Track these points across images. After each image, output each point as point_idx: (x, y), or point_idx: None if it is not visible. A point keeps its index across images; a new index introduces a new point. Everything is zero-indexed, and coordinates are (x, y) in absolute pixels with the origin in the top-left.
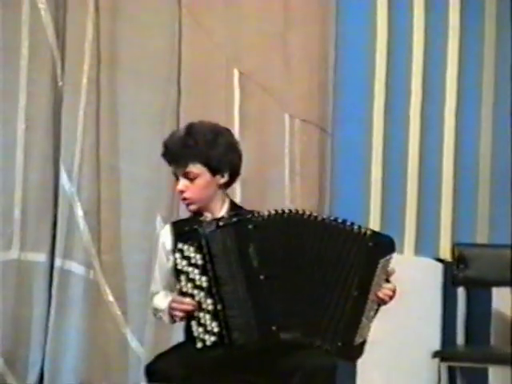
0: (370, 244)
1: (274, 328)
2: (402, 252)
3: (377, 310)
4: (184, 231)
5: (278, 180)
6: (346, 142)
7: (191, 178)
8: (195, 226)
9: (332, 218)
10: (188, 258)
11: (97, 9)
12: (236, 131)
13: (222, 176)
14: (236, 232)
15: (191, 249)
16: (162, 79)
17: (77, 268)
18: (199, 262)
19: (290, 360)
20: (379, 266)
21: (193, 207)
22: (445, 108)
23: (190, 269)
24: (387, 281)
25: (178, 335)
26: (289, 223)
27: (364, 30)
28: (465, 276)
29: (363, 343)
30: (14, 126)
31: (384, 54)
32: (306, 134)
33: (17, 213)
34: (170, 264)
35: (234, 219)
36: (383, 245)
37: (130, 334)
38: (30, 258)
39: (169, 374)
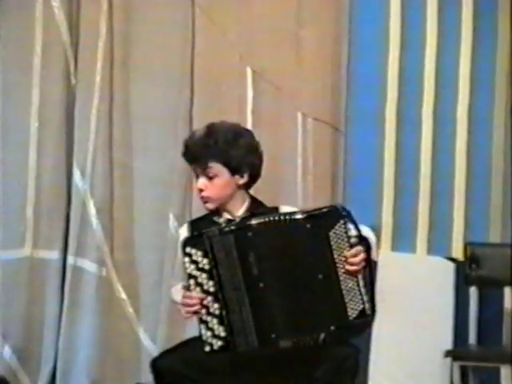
0: (308, 226)
1: (273, 336)
2: (414, 251)
3: (369, 273)
4: (193, 235)
5: (290, 179)
6: (358, 141)
7: (210, 177)
8: (203, 231)
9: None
10: (196, 263)
11: (110, 7)
12: None
13: (242, 176)
14: (236, 240)
15: (199, 253)
16: (175, 77)
17: (89, 266)
18: (206, 267)
19: (313, 350)
20: (331, 238)
21: (210, 205)
22: (457, 107)
23: (198, 273)
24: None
25: (191, 333)
26: (275, 229)
27: (377, 29)
28: (477, 275)
29: (362, 313)
30: (27, 124)
31: (397, 53)
32: (318, 133)
33: (29, 210)
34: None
35: (236, 226)
36: (322, 220)
37: (143, 332)
38: (43, 255)
39: (172, 371)
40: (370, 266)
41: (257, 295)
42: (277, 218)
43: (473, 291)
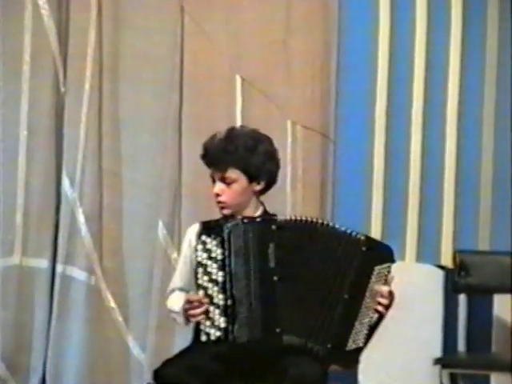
0: (363, 249)
1: (278, 330)
2: (403, 258)
3: (378, 320)
4: (209, 225)
5: (279, 186)
6: (348, 149)
7: (228, 183)
8: (221, 221)
9: (337, 226)
10: (209, 251)
11: (99, 15)
12: None
13: (259, 183)
14: (259, 230)
15: (214, 242)
16: (164, 85)
17: (78, 274)
18: (219, 257)
19: (280, 366)
20: (374, 272)
21: (227, 211)
22: (447, 115)
23: (209, 262)
24: None
25: (179, 341)
26: (305, 229)
27: (366, 36)
28: (466, 283)
29: (358, 350)
30: (16, 132)
31: (386, 61)
32: (308, 141)
33: (19, 218)
34: (194, 255)
35: (260, 219)
36: (378, 251)
37: (132, 340)
38: (32, 263)
39: (177, 380)
40: (380, 320)
41: (269, 287)
42: (311, 220)
43: (462, 299)
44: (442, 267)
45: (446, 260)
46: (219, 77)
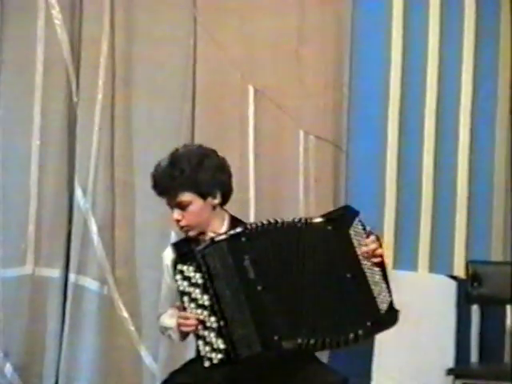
0: (329, 228)
1: (275, 338)
2: (416, 269)
3: (383, 271)
4: (182, 252)
5: (292, 197)
6: (360, 159)
7: (183, 207)
8: (192, 246)
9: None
10: (189, 279)
11: (112, 25)
12: (250, 148)
13: (214, 197)
14: (230, 246)
15: (190, 268)
16: (176, 95)
17: (91, 283)
18: (199, 281)
19: (300, 375)
20: (351, 236)
21: (192, 233)
22: (459, 126)
23: (192, 289)
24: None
25: (192, 351)
26: (276, 232)
27: (378, 46)
28: (479, 293)
29: (390, 306)
30: (29, 142)
31: (399, 71)
32: (320, 151)
33: (31, 228)
34: (175, 285)
35: (227, 234)
36: (341, 220)
37: (144, 350)
38: (44, 273)
39: None
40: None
41: (256, 299)
42: (277, 221)
43: (475, 309)
44: (454, 278)
45: (459, 270)
46: (232, 87)
